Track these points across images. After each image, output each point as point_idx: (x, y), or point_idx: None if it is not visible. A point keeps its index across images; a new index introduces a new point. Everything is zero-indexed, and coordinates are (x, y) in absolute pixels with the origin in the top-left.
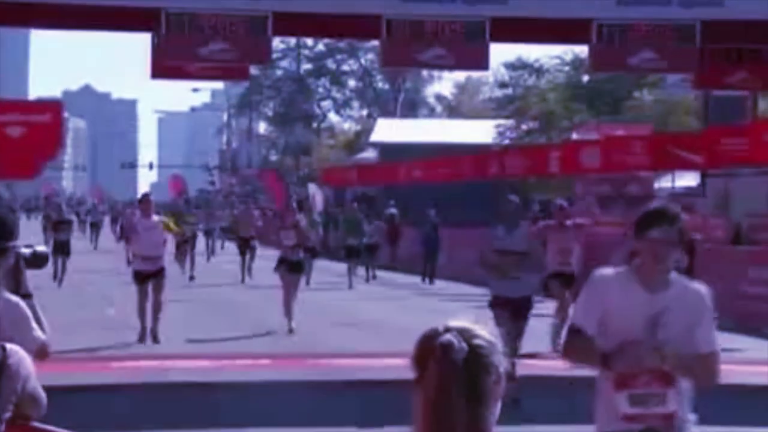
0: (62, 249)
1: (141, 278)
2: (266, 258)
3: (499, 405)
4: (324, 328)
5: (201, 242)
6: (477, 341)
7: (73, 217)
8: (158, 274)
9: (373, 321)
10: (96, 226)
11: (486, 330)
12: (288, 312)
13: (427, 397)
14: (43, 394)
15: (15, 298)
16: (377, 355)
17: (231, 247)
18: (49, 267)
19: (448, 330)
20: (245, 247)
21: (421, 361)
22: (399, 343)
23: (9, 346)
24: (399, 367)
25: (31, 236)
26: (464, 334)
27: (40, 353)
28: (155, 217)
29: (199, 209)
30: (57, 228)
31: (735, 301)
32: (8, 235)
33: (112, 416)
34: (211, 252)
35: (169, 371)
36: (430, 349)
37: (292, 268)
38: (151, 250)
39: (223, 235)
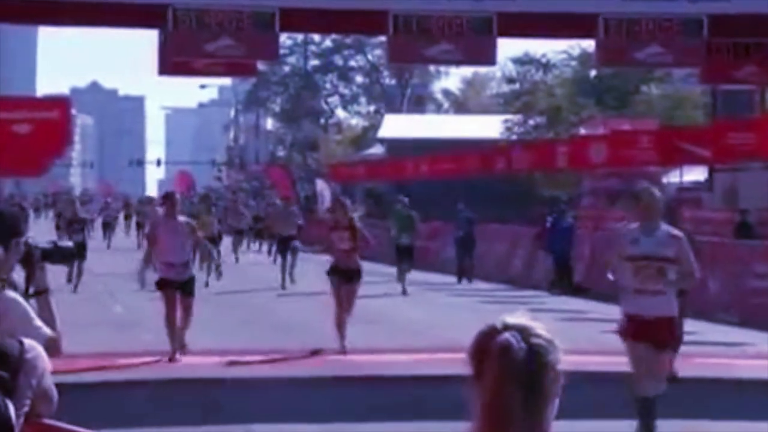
0: (77, 251)
1: (165, 285)
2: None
3: (557, 402)
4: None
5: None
6: (536, 340)
7: (88, 216)
8: (186, 286)
9: (386, 318)
10: (109, 226)
11: (544, 327)
12: (340, 329)
13: (485, 397)
14: (55, 392)
15: (12, 295)
16: (386, 350)
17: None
18: (62, 270)
19: (506, 328)
20: (286, 248)
21: (479, 359)
22: (408, 340)
23: (27, 341)
24: (409, 363)
25: (39, 237)
26: (523, 332)
27: (50, 350)
28: (181, 218)
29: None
30: (71, 228)
31: (741, 296)
32: (8, 231)
33: (120, 413)
34: (237, 253)
35: (174, 368)
36: (488, 348)
37: (347, 277)
38: (175, 255)
39: (249, 234)
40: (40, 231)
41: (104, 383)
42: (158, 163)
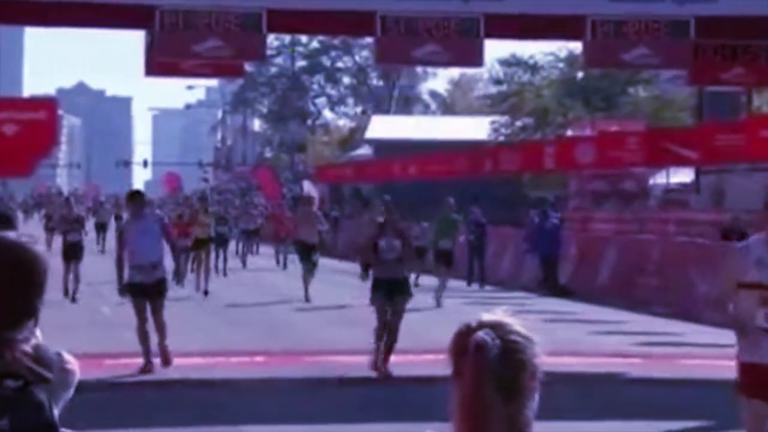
0: (73, 253)
1: (137, 292)
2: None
3: (536, 399)
4: (324, 325)
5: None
6: (511, 337)
7: (85, 213)
8: (157, 289)
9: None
10: (102, 227)
11: (521, 323)
12: (385, 352)
13: (462, 395)
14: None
15: None
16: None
17: (264, 251)
18: (59, 277)
19: (481, 326)
20: (309, 256)
21: (456, 357)
22: (401, 342)
23: (64, 352)
24: (394, 364)
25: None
26: (498, 330)
27: None
28: (150, 216)
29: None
30: (66, 227)
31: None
32: None
33: (106, 414)
34: (244, 256)
35: (163, 369)
36: (464, 346)
37: (393, 292)
38: (145, 256)
39: (255, 239)
40: (30, 233)
41: (93, 385)
42: (145, 164)
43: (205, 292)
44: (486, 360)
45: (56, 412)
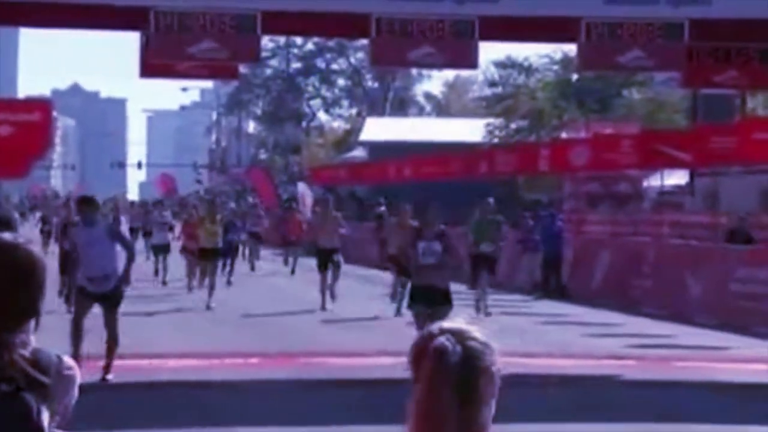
0: (71, 262)
1: (85, 296)
2: (268, 259)
3: (493, 404)
4: (321, 327)
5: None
6: (471, 343)
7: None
8: (109, 298)
9: (375, 322)
10: None
11: (481, 331)
12: None
13: (418, 399)
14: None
15: None
16: (368, 353)
17: (264, 254)
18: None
19: (442, 332)
20: (327, 261)
21: (417, 363)
22: (391, 343)
23: (65, 357)
24: (390, 366)
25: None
26: (458, 336)
27: None
28: (101, 224)
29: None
30: (65, 233)
31: (723, 300)
32: None
33: (100, 416)
34: (253, 261)
35: (158, 371)
36: (425, 352)
37: (433, 301)
38: (96, 268)
39: (256, 242)
40: (26, 236)
41: (88, 386)
42: (139, 165)
43: (208, 307)
44: (446, 365)
45: (46, 416)
